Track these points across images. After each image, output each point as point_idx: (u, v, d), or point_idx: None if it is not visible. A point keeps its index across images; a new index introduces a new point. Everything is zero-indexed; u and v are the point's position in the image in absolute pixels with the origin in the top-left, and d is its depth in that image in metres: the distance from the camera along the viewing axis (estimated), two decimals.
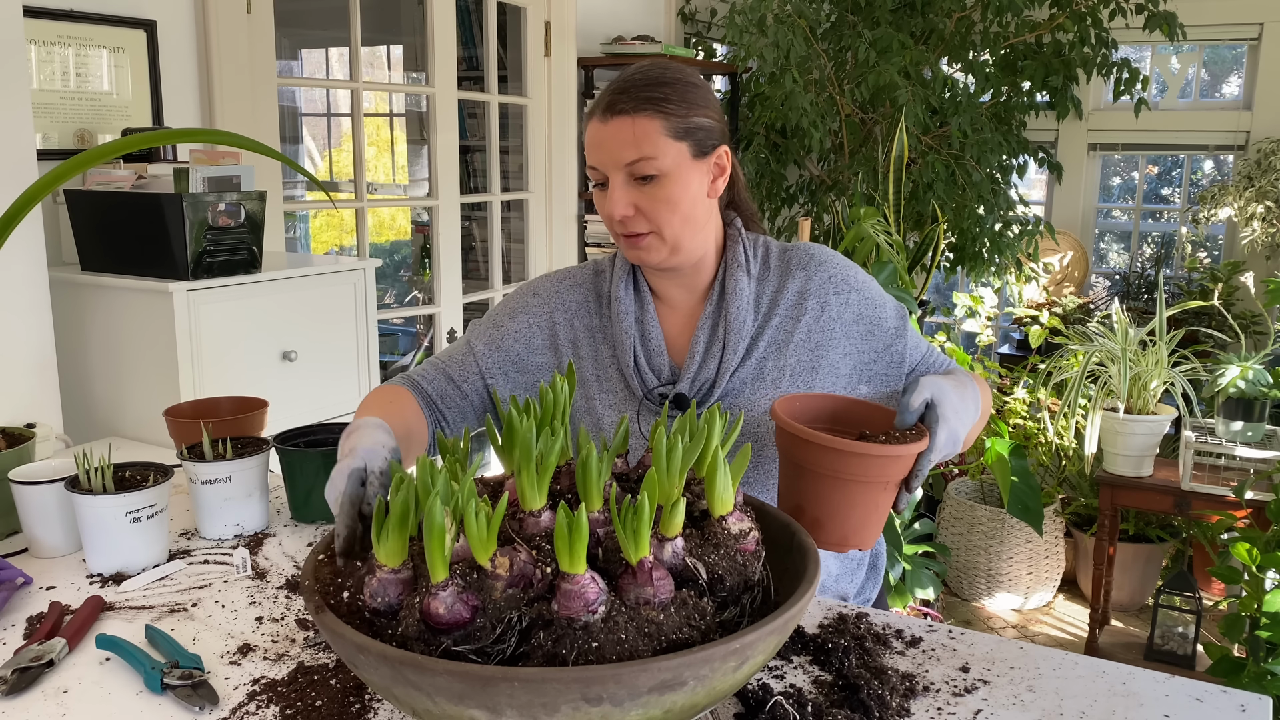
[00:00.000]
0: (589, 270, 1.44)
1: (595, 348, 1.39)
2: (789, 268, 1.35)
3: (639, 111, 1.22)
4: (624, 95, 1.22)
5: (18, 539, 1.37)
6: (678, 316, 1.38)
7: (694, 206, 1.27)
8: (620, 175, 1.23)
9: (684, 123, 1.24)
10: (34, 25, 2.03)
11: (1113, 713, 0.94)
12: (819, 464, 1.06)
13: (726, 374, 1.31)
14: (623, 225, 1.25)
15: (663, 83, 1.23)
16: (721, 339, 1.32)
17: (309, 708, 0.95)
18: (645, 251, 1.28)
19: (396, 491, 0.78)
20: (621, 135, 1.22)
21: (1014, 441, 3.18)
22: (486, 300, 3.52)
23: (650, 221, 1.25)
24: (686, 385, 1.32)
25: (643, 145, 1.22)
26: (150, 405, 1.90)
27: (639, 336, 1.35)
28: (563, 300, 1.41)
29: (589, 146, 1.26)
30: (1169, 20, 3.60)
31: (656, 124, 1.22)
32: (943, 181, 3.62)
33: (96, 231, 1.98)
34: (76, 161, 0.92)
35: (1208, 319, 3.86)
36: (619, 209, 1.23)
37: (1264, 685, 2.20)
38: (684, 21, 4.14)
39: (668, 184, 1.23)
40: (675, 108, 1.23)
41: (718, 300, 1.34)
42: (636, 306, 1.36)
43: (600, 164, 1.25)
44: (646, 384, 1.34)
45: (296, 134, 5.73)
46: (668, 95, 1.23)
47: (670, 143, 1.23)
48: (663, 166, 1.22)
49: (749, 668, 0.76)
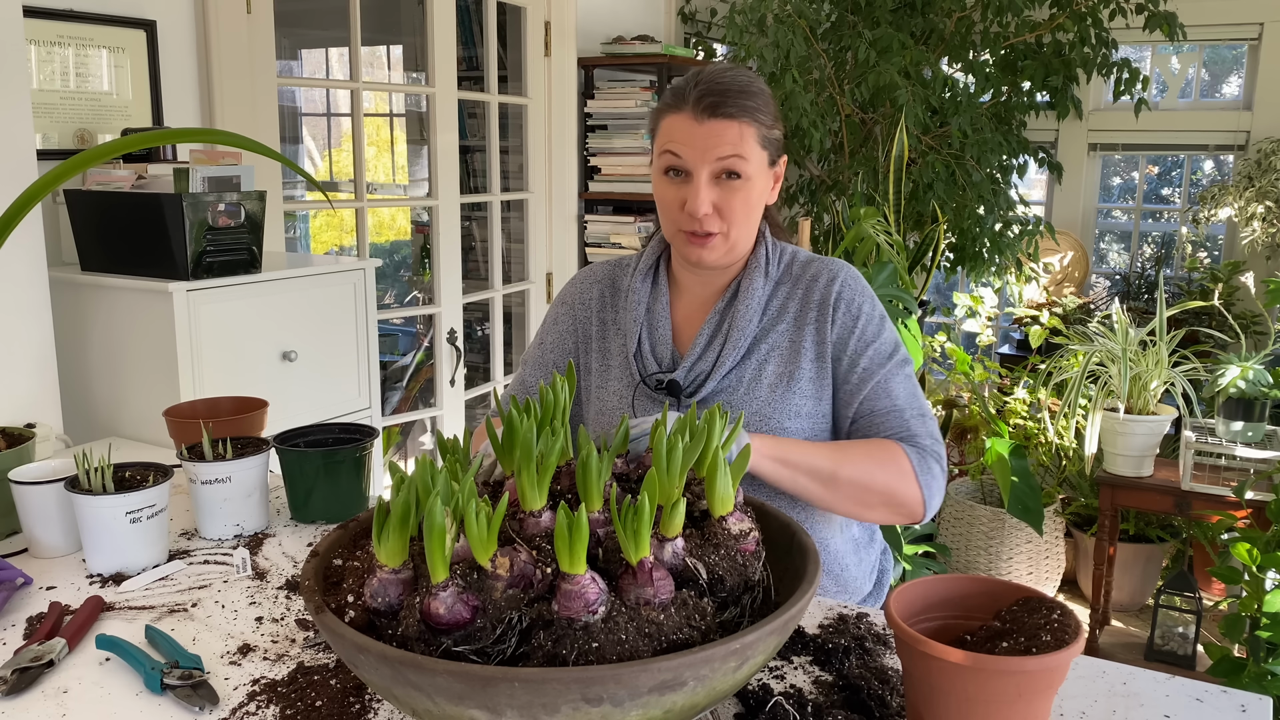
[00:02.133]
0: (612, 264, 1.51)
1: (605, 337, 1.46)
2: (807, 278, 1.39)
3: (740, 117, 1.28)
4: (725, 98, 1.28)
5: (18, 539, 1.37)
6: (691, 307, 1.43)
7: (758, 210, 1.35)
8: (708, 172, 1.29)
9: (769, 133, 1.32)
10: (34, 25, 2.03)
11: (1113, 713, 0.94)
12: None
13: (723, 369, 1.34)
14: (700, 223, 1.30)
15: (753, 92, 1.30)
16: (725, 334, 1.36)
17: (309, 708, 0.95)
18: (709, 251, 1.33)
19: (397, 492, 0.78)
20: (723, 136, 1.28)
21: (1014, 441, 3.18)
22: (486, 300, 3.52)
23: (724, 220, 1.31)
24: (682, 374, 1.36)
25: (740, 146, 1.28)
26: (150, 405, 1.90)
27: (647, 324, 1.41)
28: (582, 299, 1.49)
29: (676, 139, 1.30)
30: (1169, 20, 3.60)
31: (752, 130, 1.29)
32: (943, 181, 3.62)
33: (96, 231, 1.98)
34: (76, 161, 0.92)
35: (1208, 319, 3.85)
36: (703, 205, 1.29)
37: (1264, 685, 2.20)
38: (684, 21, 4.14)
39: (748, 186, 1.31)
40: (765, 118, 1.31)
41: (730, 298, 1.39)
42: (651, 297, 1.43)
43: (690, 158, 1.29)
44: (646, 369, 1.39)
45: (296, 134, 5.73)
46: (760, 105, 1.30)
47: (758, 150, 1.31)
48: (748, 169, 1.30)
49: (749, 668, 0.76)
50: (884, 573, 1.50)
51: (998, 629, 0.89)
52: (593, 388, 1.45)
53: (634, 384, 1.39)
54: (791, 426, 1.33)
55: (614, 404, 1.40)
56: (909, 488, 1.27)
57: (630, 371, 1.40)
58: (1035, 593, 0.91)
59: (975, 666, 0.79)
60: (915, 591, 0.92)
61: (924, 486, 1.27)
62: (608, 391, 1.42)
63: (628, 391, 1.40)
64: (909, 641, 0.82)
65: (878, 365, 1.33)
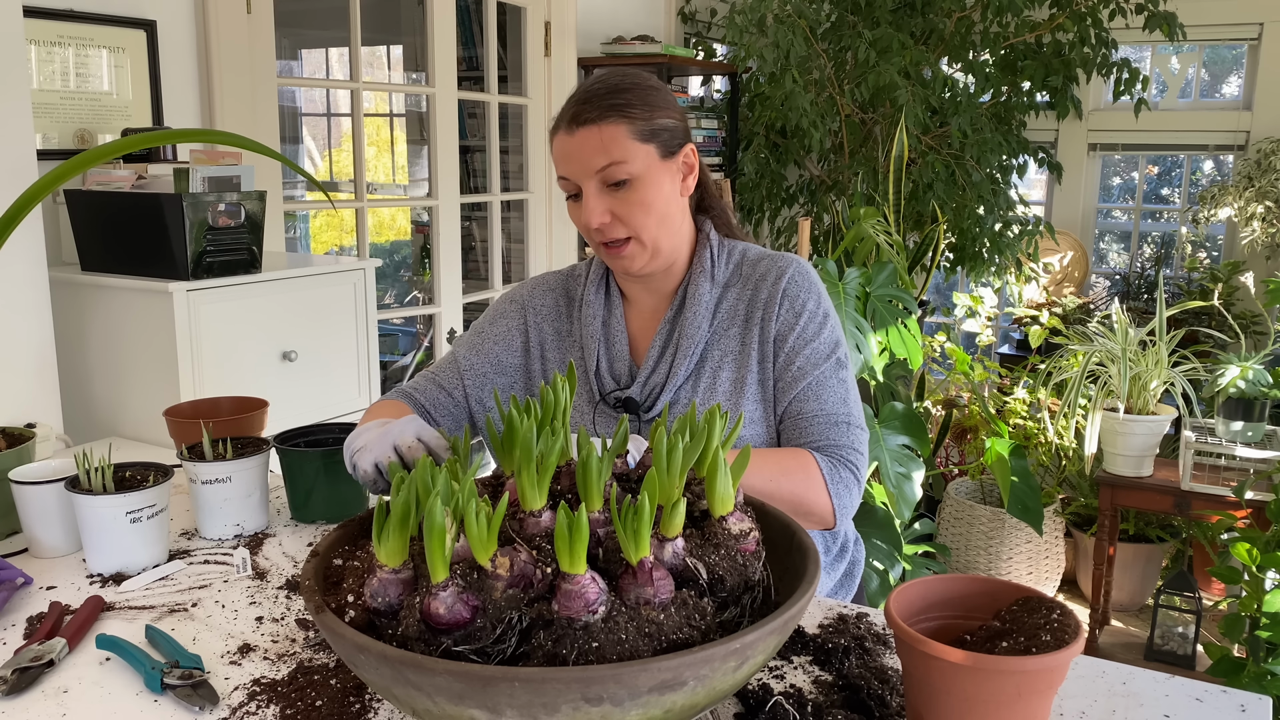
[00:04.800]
0: (564, 274, 1.47)
1: (562, 351, 1.42)
2: (756, 277, 1.35)
3: (604, 119, 1.24)
4: (587, 105, 1.25)
5: (18, 539, 1.37)
6: (644, 319, 1.39)
7: (668, 207, 1.29)
8: (593, 184, 1.26)
9: (649, 124, 1.26)
10: (34, 25, 2.03)
11: (1113, 713, 0.94)
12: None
13: (676, 381, 1.32)
14: (600, 233, 1.27)
15: (622, 88, 1.26)
16: (675, 344, 1.33)
17: (309, 708, 0.95)
18: (628, 260, 1.30)
19: (397, 492, 0.79)
20: (590, 144, 1.24)
21: (1014, 441, 3.18)
22: (486, 300, 3.52)
23: (627, 226, 1.27)
24: (638, 390, 1.33)
25: (611, 150, 1.24)
26: (150, 405, 1.90)
27: (604, 340, 1.38)
28: (535, 304, 1.44)
29: (558, 160, 1.28)
30: (1169, 20, 3.60)
31: (622, 128, 1.24)
32: (943, 181, 3.62)
33: (96, 231, 1.98)
34: (76, 161, 0.92)
35: (1208, 319, 3.85)
36: (595, 217, 1.26)
37: (1264, 685, 2.20)
38: (684, 21, 4.14)
39: (640, 187, 1.26)
40: (638, 111, 1.25)
41: (678, 306, 1.35)
42: (605, 311, 1.39)
43: (571, 174, 1.27)
44: (604, 387, 1.36)
45: (296, 134, 5.73)
46: (629, 100, 1.25)
47: (638, 145, 1.25)
48: (633, 170, 1.25)
49: (749, 668, 0.76)
50: (855, 564, 1.47)
51: (998, 629, 0.89)
52: None
53: (594, 401, 1.36)
54: (746, 434, 1.30)
55: (576, 419, 1.37)
56: (818, 497, 1.24)
57: (588, 388, 1.37)
58: (1035, 593, 0.91)
59: (975, 666, 0.79)
60: (915, 591, 0.92)
61: (834, 496, 1.25)
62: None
63: (588, 408, 1.37)
64: (909, 641, 0.82)
65: (812, 366, 1.29)
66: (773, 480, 1.22)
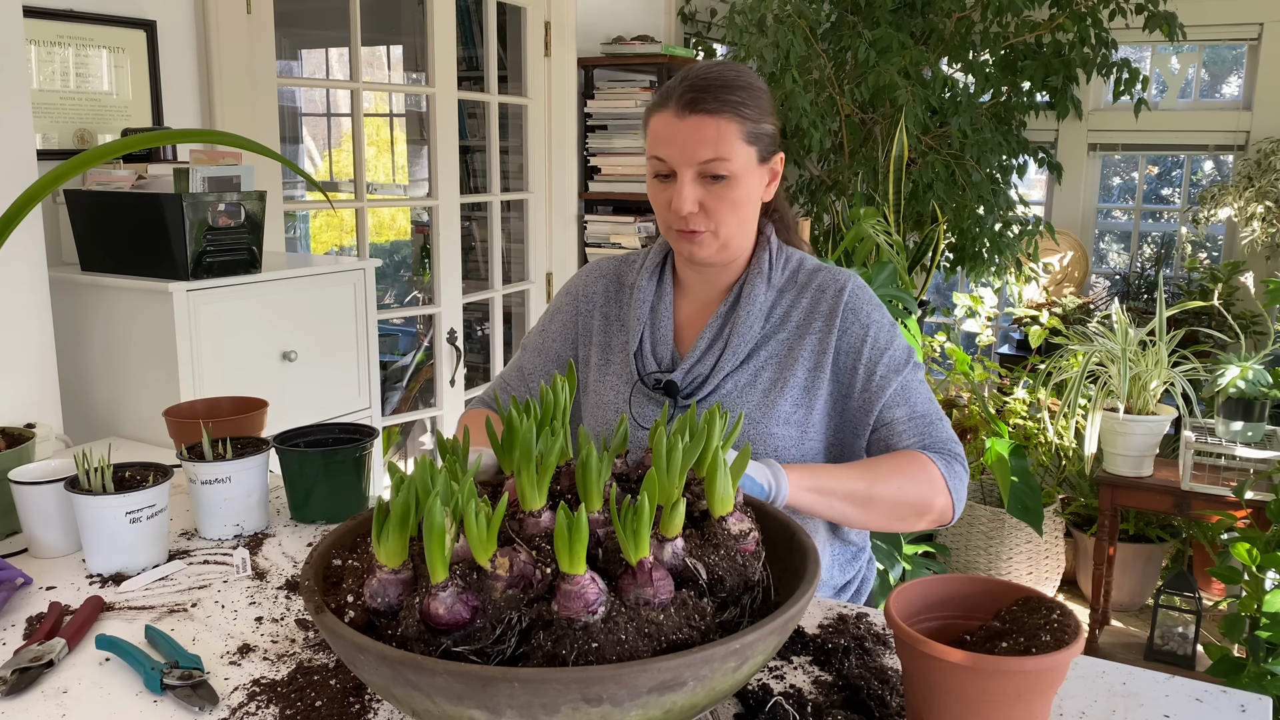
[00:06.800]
0: (620, 260, 1.51)
1: (608, 334, 1.46)
2: (813, 288, 1.38)
3: (720, 113, 1.26)
4: (706, 94, 1.26)
5: (18, 539, 1.37)
6: (693, 308, 1.42)
7: (752, 208, 1.33)
8: (691, 172, 1.28)
9: (756, 127, 1.29)
10: (34, 25, 2.03)
11: (1113, 713, 0.94)
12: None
13: (721, 374, 1.34)
14: (685, 221, 1.29)
15: (738, 85, 1.28)
16: (725, 340, 1.35)
17: (309, 708, 0.95)
18: (698, 246, 1.32)
19: (397, 492, 0.78)
20: (700, 134, 1.25)
21: (1014, 441, 3.18)
22: (486, 300, 3.52)
23: (712, 220, 1.30)
24: (680, 375, 1.36)
25: (720, 146, 1.26)
26: (150, 405, 1.90)
27: (650, 323, 1.41)
28: (586, 292, 1.49)
29: (658, 138, 1.29)
30: (1169, 20, 3.60)
31: (734, 126, 1.26)
32: (943, 181, 3.62)
33: (96, 231, 1.98)
34: (76, 161, 0.92)
35: (1208, 319, 3.85)
36: (687, 205, 1.28)
37: (1264, 685, 2.20)
38: (684, 21, 4.14)
39: (735, 186, 1.28)
40: (750, 111, 1.28)
41: (733, 302, 1.38)
42: (655, 295, 1.42)
43: (670, 158, 1.28)
44: (645, 368, 1.39)
45: (296, 134, 5.73)
46: (744, 99, 1.27)
47: (743, 146, 1.28)
48: (734, 169, 1.27)
49: (749, 668, 0.76)
50: (864, 581, 1.50)
51: (997, 629, 0.89)
52: (590, 382, 1.45)
53: (632, 381, 1.40)
54: (779, 433, 1.32)
55: (610, 399, 1.41)
56: (940, 496, 1.28)
57: (629, 369, 1.40)
58: (1035, 593, 0.91)
59: (975, 666, 0.79)
60: (915, 591, 0.92)
61: (953, 492, 1.29)
62: (605, 387, 1.42)
63: (625, 388, 1.40)
64: (909, 641, 0.82)
65: (894, 373, 1.32)
66: (901, 488, 1.25)
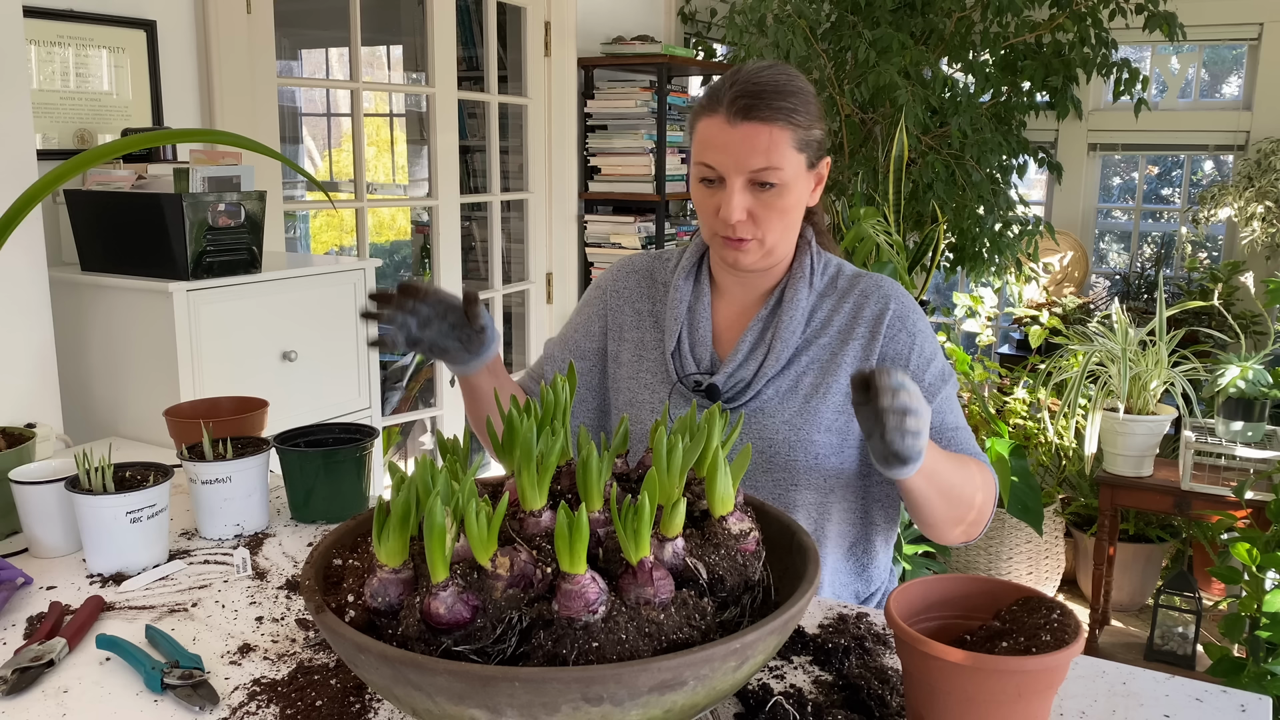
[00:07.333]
0: (651, 257, 1.50)
1: (641, 330, 1.44)
2: (853, 292, 1.37)
3: (774, 121, 1.23)
4: (759, 101, 1.23)
5: (18, 539, 1.37)
6: (732, 311, 1.41)
7: (797, 215, 1.31)
8: (741, 180, 1.25)
9: (807, 134, 1.27)
10: (34, 25, 2.03)
11: (1113, 713, 0.94)
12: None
13: (764, 379, 1.33)
14: (732, 229, 1.27)
15: (790, 91, 1.25)
16: (768, 344, 1.34)
17: (309, 708, 0.95)
18: (744, 255, 1.30)
19: (397, 492, 0.79)
20: (752, 142, 1.23)
21: (1014, 441, 3.18)
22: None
23: (759, 228, 1.28)
24: (722, 379, 1.34)
25: (772, 155, 1.24)
26: (150, 405, 1.90)
27: (688, 324, 1.39)
28: (617, 288, 1.48)
29: (707, 144, 1.27)
30: (1169, 20, 3.59)
31: (787, 134, 1.24)
32: (943, 181, 3.62)
33: (96, 231, 1.98)
34: (76, 161, 0.92)
35: (1208, 319, 3.85)
36: (736, 213, 1.25)
37: (1264, 685, 2.20)
38: (684, 21, 4.14)
39: (784, 193, 1.27)
40: (802, 119, 1.25)
41: (774, 306, 1.36)
42: (693, 296, 1.40)
43: (720, 165, 1.26)
44: (684, 369, 1.37)
45: (296, 134, 5.72)
46: (796, 106, 1.25)
47: (794, 154, 1.25)
48: (784, 177, 1.25)
49: (749, 668, 0.76)
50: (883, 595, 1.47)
51: (998, 629, 0.89)
52: (623, 378, 1.43)
53: (670, 382, 1.38)
54: (820, 440, 1.31)
55: (646, 398, 1.39)
56: (990, 510, 1.29)
57: (667, 369, 1.39)
58: (1035, 593, 0.91)
59: (975, 666, 0.79)
60: (915, 591, 0.92)
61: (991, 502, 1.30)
62: (639, 384, 1.41)
63: (662, 388, 1.39)
64: (909, 641, 0.83)
65: (940, 382, 1.32)
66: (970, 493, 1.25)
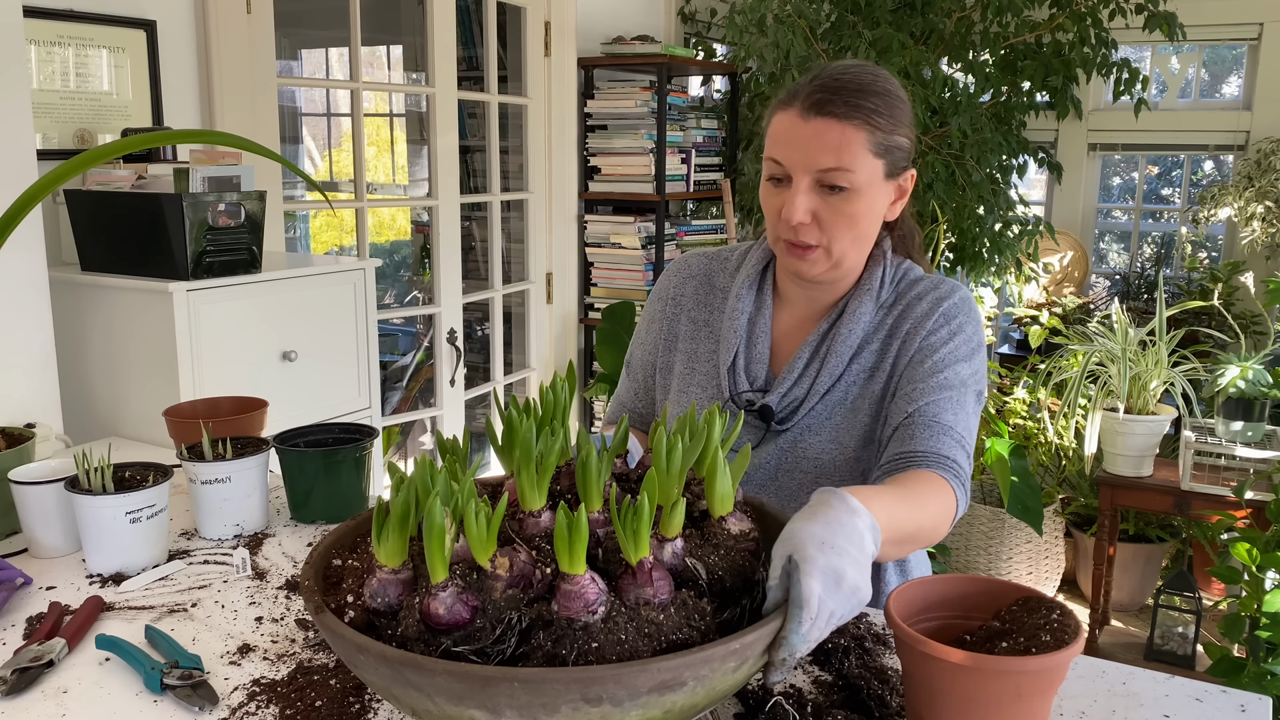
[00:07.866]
0: (709, 257, 1.42)
1: (695, 341, 1.37)
2: (910, 297, 1.28)
3: (849, 119, 1.16)
4: (835, 96, 1.16)
5: (18, 539, 1.37)
6: (792, 324, 1.33)
7: (870, 226, 1.22)
8: (808, 179, 1.18)
9: (887, 139, 1.18)
10: (34, 25, 2.03)
11: (1112, 713, 0.94)
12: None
13: (816, 396, 1.25)
14: (794, 232, 1.19)
15: (874, 92, 1.18)
16: (821, 359, 1.26)
17: (309, 708, 0.95)
18: (808, 264, 1.22)
19: (397, 492, 0.79)
20: (823, 139, 1.16)
21: (1014, 441, 3.18)
22: (486, 300, 3.52)
23: (824, 234, 1.19)
24: (775, 399, 1.27)
25: (843, 155, 1.16)
26: (150, 405, 1.90)
27: (745, 339, 1.31)
28: (676, 295, 1.41)
29: (777, 138, 1.20)
30: (1169, 20, 3.59)
31: (862, 135, 1.16)
32: (943, 181, 3.62)
33: (96, 231, 1.98)
34: (76, 161, 0.92)
35: (1208, 319, 3.85)
36: (798, 214, 1.17)
37: (1264, 685, 2.20)
38: (684, 21, 4.14)
39: (855, 200, 1.18)
40: (882, 121, 1.17)
41: (834, 320, 1.28)
42: (754, 308, 1.32)
43: (788, 161, 1.18)
44: (737, 386, 1.30)
45: (296, 134, 5.73)
46: (878, 107, 1.17)
47: (869, 158, 1.17)
48: (856, 181, 1.17)
49: (749, 668, 0.76)
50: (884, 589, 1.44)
51: (998, 629, 0.89)
52: (673, 389, 1.37)
53: (722, 399, 1.30)
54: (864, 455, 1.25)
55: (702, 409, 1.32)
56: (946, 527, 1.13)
57: (716, 383, 1.31)
58: (1035, 593, 0.91)
59: (975, 666, 0.79)
60: (915, 591, 0.91)
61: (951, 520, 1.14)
62: (687, 399, 1.33)
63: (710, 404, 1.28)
64: (909, 641, 0.82)
65: (960, 383, 1.21)
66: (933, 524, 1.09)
